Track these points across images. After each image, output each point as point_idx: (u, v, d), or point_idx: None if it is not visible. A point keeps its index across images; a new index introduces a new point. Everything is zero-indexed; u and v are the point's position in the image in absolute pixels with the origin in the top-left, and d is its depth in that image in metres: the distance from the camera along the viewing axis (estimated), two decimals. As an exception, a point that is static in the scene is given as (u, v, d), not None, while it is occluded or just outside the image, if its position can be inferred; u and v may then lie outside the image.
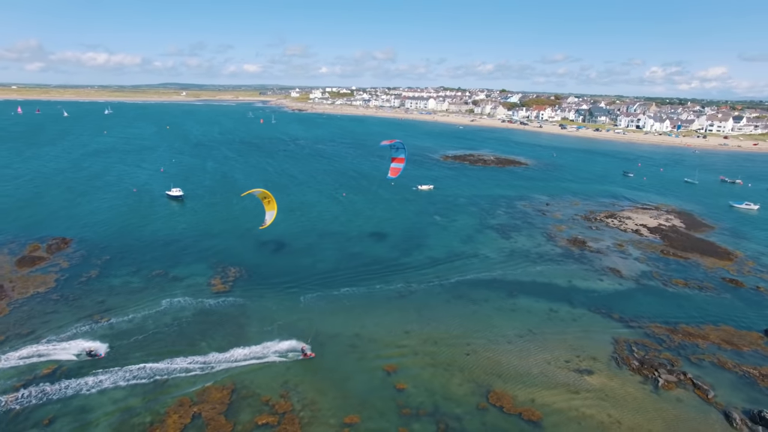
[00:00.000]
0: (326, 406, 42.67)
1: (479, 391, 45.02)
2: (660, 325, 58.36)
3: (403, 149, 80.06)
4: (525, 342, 53.76)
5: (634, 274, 74.62)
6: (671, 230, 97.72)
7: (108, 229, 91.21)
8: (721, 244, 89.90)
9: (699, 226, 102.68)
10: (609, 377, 47.46)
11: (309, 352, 50.25)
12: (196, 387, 44.64)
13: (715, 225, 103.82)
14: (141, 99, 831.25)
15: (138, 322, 56.27)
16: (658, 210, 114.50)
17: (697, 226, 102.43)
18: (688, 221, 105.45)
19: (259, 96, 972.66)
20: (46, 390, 43.74)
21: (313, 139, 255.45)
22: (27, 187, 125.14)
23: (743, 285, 71.23)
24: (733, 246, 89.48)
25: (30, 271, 69.36)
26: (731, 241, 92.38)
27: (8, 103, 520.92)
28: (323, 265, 75.83)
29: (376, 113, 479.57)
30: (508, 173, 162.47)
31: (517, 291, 67.28)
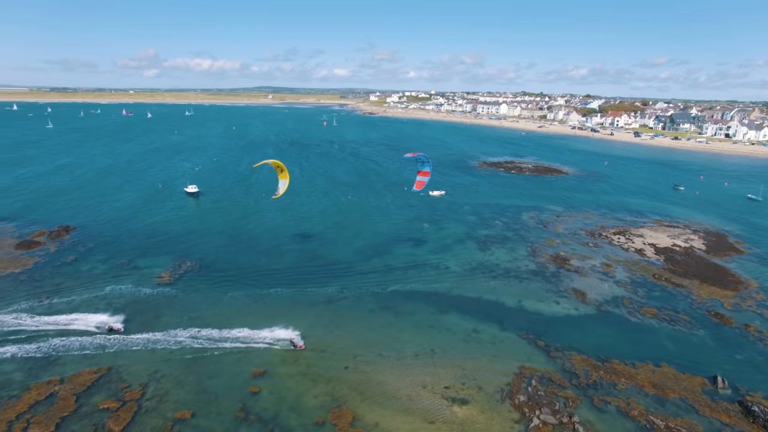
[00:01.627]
0: (173, 399, 43.30)
1: (329, 405, 42.96)
2: (588, 358, 51.46)
3: (427, 162, 78.98)
4: (417, 361, 50.27)
5: (600, 298, 66.49)
6: (683, 252, 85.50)
7: (113, 219, 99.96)
8: (736, 272, 77.00)
9: (725, 249, 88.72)
10: (481, 410, 42.84)
11: (300, 343, 51.89)
12: (76, 368, 47.37)
13: (747, 249, 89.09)
14: (230, 101, 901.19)
15: (74, 304, 61.09)
16: (685, 228, 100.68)
17: (722, 248, 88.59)
18: (714, 243, 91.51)
19: (340, 99, 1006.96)
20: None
21: (361, 141, 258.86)
22: (78, 179, 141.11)
23: (730, 322, 60.39)
24: (754, 275, 76.28)
25: (21, 253, 78.04)
26: (754, 269, 78.84)
27: (116, 106, 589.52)
28: (276, 265, 76.82)
29: (445, 117, 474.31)
30: (539, 182, 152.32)
31: (452, 307, 63.11)
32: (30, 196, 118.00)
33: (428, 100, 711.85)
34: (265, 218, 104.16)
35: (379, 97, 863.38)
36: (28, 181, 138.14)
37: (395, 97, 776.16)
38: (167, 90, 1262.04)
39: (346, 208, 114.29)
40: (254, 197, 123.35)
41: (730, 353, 53.50)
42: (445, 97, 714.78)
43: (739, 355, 53.22)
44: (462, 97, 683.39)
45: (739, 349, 54.45)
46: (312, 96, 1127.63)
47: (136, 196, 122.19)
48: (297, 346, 51.78)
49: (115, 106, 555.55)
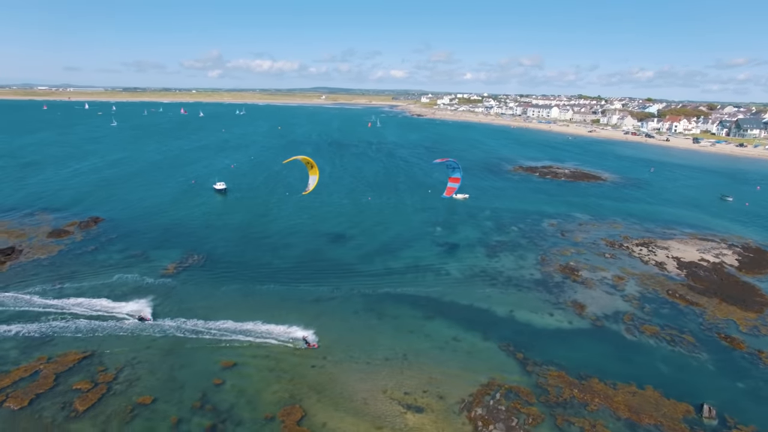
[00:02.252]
0: (142, 384, 45.43)
1: (284, 402, 43.47)
2: (566, 375, 48.78)
3: (458, 168, 78.74)
4: (385, 366, 49.75)
5: (599, 313, 62.81)
6: (710, 268, 78.97)
7: (140, 212, 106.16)
8: (767, 292, 70.14)
9: (762, 266, 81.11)
10: (434, 420, 41.76)
11: (312, 342, 52.52)
12: (65, 349, 50.84)
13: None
14: (284, 101, 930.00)
15: (81, 289, 65.52)
16: (721, 242, 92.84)
17: (758, 266, 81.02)
18: (750, 259, 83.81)
19: (392, 101, 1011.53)
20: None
21: (400, 142, 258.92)
22: (123, 174, 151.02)
23: (741, 346, 55.15)
24: (786, 297, 69.13)
25: (51, 241, 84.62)
26: (789, 292, 71.41)
27: (177, 105, 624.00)
28: (277, 263, 78.55)
29: (493, 120, 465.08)
30: (571, 188, 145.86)
31: (440, 312, 61.90)
32: (79, 189, 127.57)
33: (479, 102, 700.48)
34: (281, 216, 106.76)
35: (430, 99, 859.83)
36: (83, 174, 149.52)
37: (446, 99, 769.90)
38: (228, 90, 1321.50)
39: (364, 208, 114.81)
40: (278, 195, 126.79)
41: (731, 381, 48.85)
42: (497, 100, 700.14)
43: (741, 383, 48.48)
44: (515, 100, 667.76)
45: (743, 376, 49.60)
46: (364, 97, 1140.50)
47: (169, 191, 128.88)
48: (310, 344, 52.32)
49: (176, 105, 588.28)
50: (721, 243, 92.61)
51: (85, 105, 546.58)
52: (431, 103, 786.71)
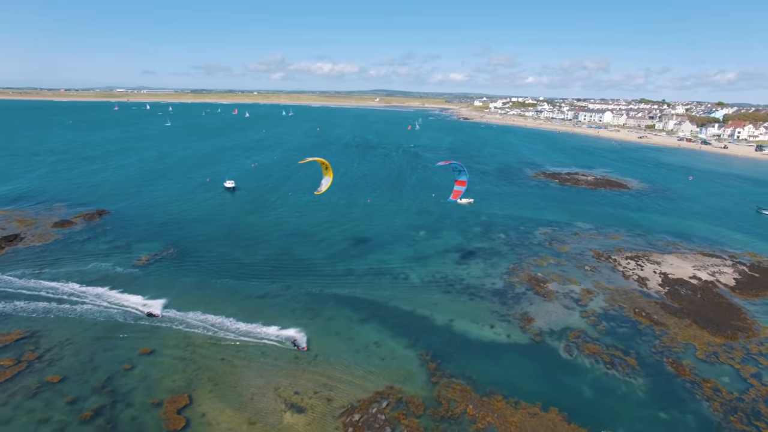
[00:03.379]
0: (59, 365, 48.71)
1: (177, 390, 44.99)
2: (470, 389, 46.82)
3: (463, 171, 77.64)
4: (290, 364, 50.09)
5: (545, 328, 59.48)
6: (699, 286, 72.28)
7: (145, 206, 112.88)
8: (753, 317, 63.30)
9: (761, 287, 73.13)
10: (309, 422, 41.63)
11: (303, 345, 52.45)
12: (12, 328, 55.33)
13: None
14: (338, 103, 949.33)
15: (58, 274, 70.80)
16: (727, 259, 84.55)
17: (756, 287, 73.13)
18: (752, 279, 75.74)
19: (444, 104, 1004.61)
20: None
21: (431, 145, 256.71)
22: (151, 169, 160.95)
23: (686, 373, 50.24)
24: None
25: (53, 231, 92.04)
26: (780, 318, 64.03)
27: (236, 106, 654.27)
28: (244, 258, 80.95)
29: (540, 125, 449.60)
30: (588, 196, 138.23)
31: (376, 317, 61.30)
32: (104, 183, 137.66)
33: (533, 106, 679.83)
34: (271, 215, 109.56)
35: (483, 103, 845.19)
36: (120, 168, 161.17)
37: (499, 103, 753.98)
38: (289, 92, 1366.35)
39: (357, 209, 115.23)
40: (281, 195, 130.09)
41: (654, 410, 44.70)
42: (552, 104, 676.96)
43: (665, 413, 44.23)
44: (571, 104, 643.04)
45: (670, 406, 45.21)
46: (417, 100, 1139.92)
47: (183, 188, 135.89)
48: (299, 347, 52.17)
49: (236, 106, 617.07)
50: (728, 260, 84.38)
51: (146, 106, 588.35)
52: (483, 106, 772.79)
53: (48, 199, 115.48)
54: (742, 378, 49.66)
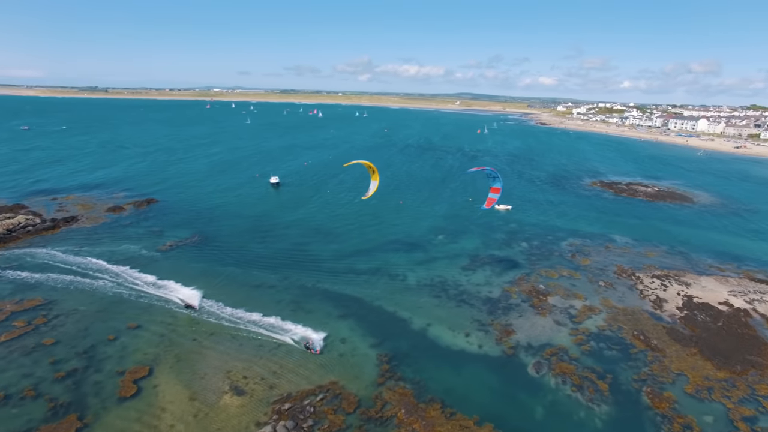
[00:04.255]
0: (60, 330, 55.15)
1: (143, 362, 49.19)
2: (411, 395, 46.07)
3: (497, 178, 74.57)
4: (253, 351, 52.47)
5: (523, 342, 56.58)
6: (728, 314, 64.31)
7: (192, 198, 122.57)
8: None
9: (806, 324, 63.37)
10: (244, 404, 43.64)
11: (317, 348, 51.56)
12: (35, 296, 63.55)
13: None
14: (419, 106, 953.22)
15: (93, 252, 79.74)
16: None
17: (800, 323, 63.49)
18: (797, 314, 65.82)
19: (526, 108, 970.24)
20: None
21: (492, 151, 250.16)
22: (213, 163, 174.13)
23: (662, 406, 45.34)
24: (803, 364, 53.80)
25: (105, 215, 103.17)
26: (814, 358, 55.22)
27: (319, 106, 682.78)
28: (258, 249, 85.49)
29: (623, 132, 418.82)
30: (641, 208, 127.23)
31: (355, 315, 62.13)
32: (172, 175, 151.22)
33: (620, 113, 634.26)
34: (302, 210, 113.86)
35: (566, 108, 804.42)
36: (193, 161, 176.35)
37: (583, 109, 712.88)
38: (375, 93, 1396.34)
39: (388, 210, 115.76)
40: (321, 193, 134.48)
41: None
42: (642, 111, 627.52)
43: None
44: (664, 111, 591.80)
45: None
46: (498, 104, 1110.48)
47: (234, 181, 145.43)
48: (312, 350, 51.40)
49: (315, 106, 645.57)
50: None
51: (232, 105, 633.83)
52: (566, 112, 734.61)
53: (115, 187, 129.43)
54: (730, 419, 43.77)
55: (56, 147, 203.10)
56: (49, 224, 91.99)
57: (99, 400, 43.49)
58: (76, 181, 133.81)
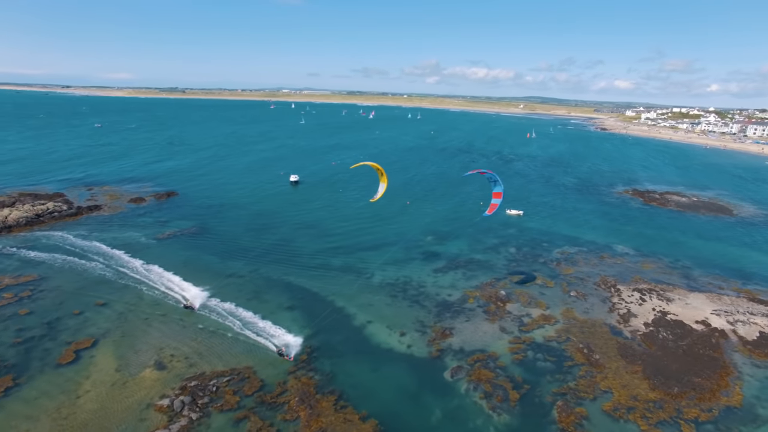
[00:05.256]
0: (37, 304, 61.90)
1: (93, 334, 54.34)
2: (312, 386, 47.38)
3: (497, 182, 70.16)
4: (191, 333, 56.04)
5: (456, 346, 55.93)
6: (701, 334, 59.48)
7: (210, 192, 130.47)
8: (742, 379, 50.69)
9: (790, 352, 57.16)
10: (159, 378, 47.07)
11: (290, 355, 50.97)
12: (31, 272, 71.65)
13: (835, 363, 55.18)
14: (481, 109, 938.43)
15: (100, 237, 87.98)
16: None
17: (783, 350, 57.38)
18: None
19: (593, 113, 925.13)
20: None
21: (532, 155, 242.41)
22: (247, 161, 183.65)
23: (566, 422, 43.34)
24: (760, 392, 49.09)
25: (126, 204, 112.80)
26: None
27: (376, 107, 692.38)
28: (247, 243, 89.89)
29: (689, 139, 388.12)
30: (663, 218, 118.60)
31: (303, 308, 64.15)
32: (206, 171, 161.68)
33: (696, 118, 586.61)
34: (306, 207, 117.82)
35: (636, 113, 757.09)
36: (238, 157, 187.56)
37: (653, 113, 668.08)
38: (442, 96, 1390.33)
39: (390, 210, 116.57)
40: (335, 191, 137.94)
41: None
42: (722, 116, 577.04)
43: None
44: (749, 115, 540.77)
45: (512, 449, 40.02)
46: (564, 108, 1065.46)
47: (256, 179, 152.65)
48: (284, 356, 50.72)
49: (373, 108, 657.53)
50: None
51: (291, 105, 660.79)
52: (634, 117, 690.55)
53: (150, 181, 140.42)
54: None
55: (118, 143, 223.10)
56: (73, 211, 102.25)
57: (40, 364, 48.78)
58: (119, 175, 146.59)
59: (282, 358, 50.55)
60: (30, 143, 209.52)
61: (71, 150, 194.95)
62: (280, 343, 53.52)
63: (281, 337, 55.47)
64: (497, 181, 71.14)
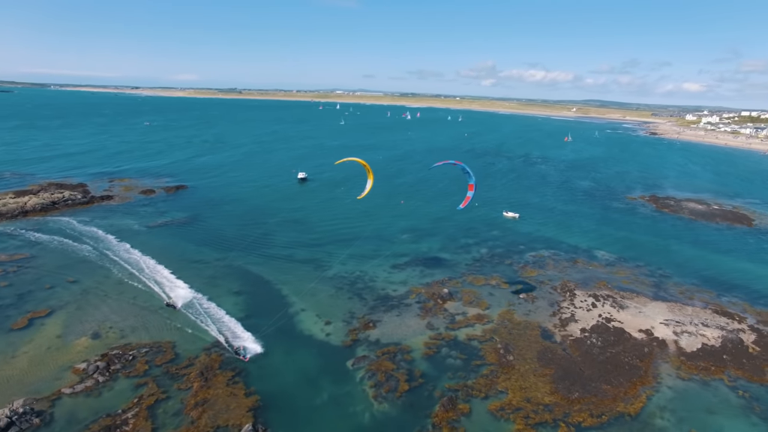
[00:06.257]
0: (18, 278, 69.34)
1: (52, 306, 60.69)
2: (217, 362, 50.65)
3: (468, 174, 67.84)
4: (140, 309, 61.12)
5: (373, 338, 57.40)
6: (637, 343, 57.43)
7: (217, 186, 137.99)
8: (656, 389, 48.98)
9: (730, 364, 54.06)
10: (89, 346, 52.10)
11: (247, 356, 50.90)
12: (27, 252, 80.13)
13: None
14: (531, 112, 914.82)
15: (99, 224, 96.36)
16: (742, 323, 63.06)
17: (719, 361, 54.32)
18: (732, 350, 56.04)
19: (650, 117, 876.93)
20: None
21: (560, 158, 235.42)
22: (284, 158, 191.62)
23: (441, 417, 43.90)
24: (665, 405, 47.22)
25: (136, 195, 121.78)
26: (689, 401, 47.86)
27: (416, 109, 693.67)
28: (230, 233, 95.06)
29: (749, 144, 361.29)
30: (667, 226, 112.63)
31: (249, 293, 67.85)
32: (228, 168, 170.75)
33: (765, 122, 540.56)
34: (299, 203, 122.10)
35: (696, 117, 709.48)
36: (269, 154, 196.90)
37: (715, 118, 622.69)
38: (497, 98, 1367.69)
39: (381, 209, 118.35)
40: (335, 190, 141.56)
41: (354, 431, 41.70)
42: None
43: None
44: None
45: None
46: (619, 111, 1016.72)
47: (266, 175, 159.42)
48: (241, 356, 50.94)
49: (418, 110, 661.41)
50: (740, 324, 62.97)
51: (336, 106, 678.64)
52: (693, 121, 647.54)
53: (168, 175, 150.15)
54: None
55: (160, 141, 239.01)
56: (86, 200, 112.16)
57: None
58: (144, 169, 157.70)
59: (237, 357, 50.62)
60: (87, 139, 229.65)
61: (117, 146, 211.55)
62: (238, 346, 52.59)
63: (220, 317, 59.22)
64: (469, 173, 70.09)
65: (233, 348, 52.07)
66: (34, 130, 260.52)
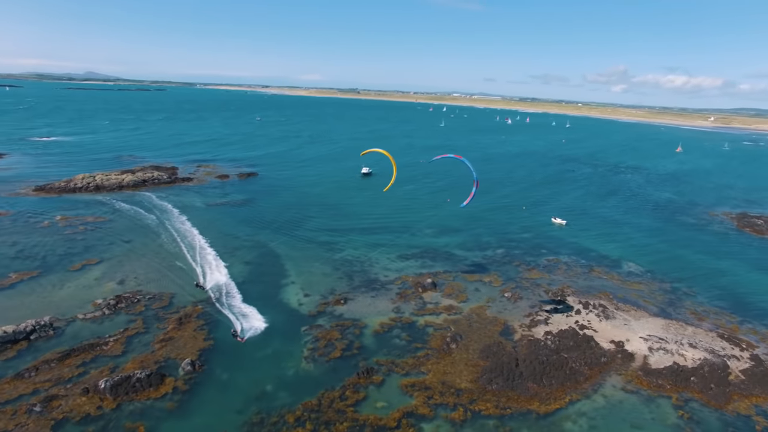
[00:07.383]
0: (86, 233, 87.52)
1: (102, 258, 76.23)
2: (181, 322, 60.17)
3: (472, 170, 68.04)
4: (157, 258, 74.01)
5: (337, 312, 62.65)
6: (591, 353, 55.43)
7: (288, 176, 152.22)
8: (590, 401, 48.00)
9: (697, 387, 49.90)
10: (72, 292, 65.49)
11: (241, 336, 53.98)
12: (101, 213, 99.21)
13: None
14: (659, 120, 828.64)
15: (170, 199, 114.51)
16: (738, 349, 56.75)
17: (684, 382, 50.28)
18: (705, 375, 51.31)
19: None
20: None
21: (648, 168, 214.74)
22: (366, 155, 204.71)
23: (354, 382, 47.98)
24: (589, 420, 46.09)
25: (212, 179, 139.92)
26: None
27: (526, 114, 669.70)
28: (271, 216, 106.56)
29: None
30: (746, 248, 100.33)
31: (256, 261, 77.24)
32: (310, 162, 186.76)
33: None
34: (352, 194, 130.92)
35: None
36: (353, 149, 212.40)
37: None
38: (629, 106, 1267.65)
39: (424, 205, 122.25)
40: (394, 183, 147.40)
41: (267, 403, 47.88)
42: None
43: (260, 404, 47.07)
44: None
45: (288, 386, 47.07)
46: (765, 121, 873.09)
47: (337, 168, 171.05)
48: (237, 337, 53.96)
49: (528, 115, 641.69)
50: (743, 350, 56.75)
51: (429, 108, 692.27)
52: None
53: (247, 164, 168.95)
54: (406, 412, 44.03)
55: (264, 135, 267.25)
56: (169, 180, 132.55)
57: (59, 267, 71.13)
58: (234, 158, 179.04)
59: (234, 338, 53.81)
60: (208, 130, 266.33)
61: (225, 137, 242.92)
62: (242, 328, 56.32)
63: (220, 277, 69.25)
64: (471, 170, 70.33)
65: (232, 330, 55.00)
66: (173, 122, 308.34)
